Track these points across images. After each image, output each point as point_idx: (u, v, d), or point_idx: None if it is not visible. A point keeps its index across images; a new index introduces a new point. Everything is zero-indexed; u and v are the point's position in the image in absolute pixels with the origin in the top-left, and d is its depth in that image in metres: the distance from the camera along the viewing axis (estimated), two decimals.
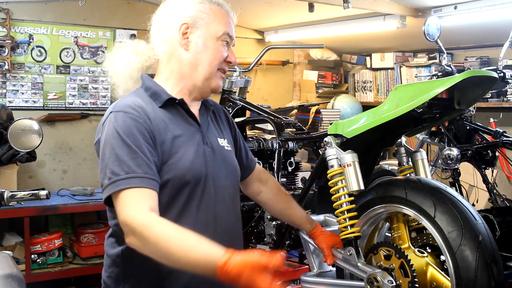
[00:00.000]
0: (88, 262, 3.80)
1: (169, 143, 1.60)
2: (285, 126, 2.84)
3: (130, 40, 1.81)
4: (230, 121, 1.91)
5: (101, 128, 1.61)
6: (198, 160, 1.63)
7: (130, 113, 1.57)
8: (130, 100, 1.62)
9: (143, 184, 1.48)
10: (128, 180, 1.47)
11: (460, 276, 1.65)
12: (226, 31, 1.71)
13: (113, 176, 1.49)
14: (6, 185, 3.42)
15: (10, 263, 1.85)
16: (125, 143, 1.52)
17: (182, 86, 1.70)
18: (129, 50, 1.76)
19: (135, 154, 1.51)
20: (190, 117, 1.70)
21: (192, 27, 1.68)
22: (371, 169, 2.13)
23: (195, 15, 1.69)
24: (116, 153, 1.51)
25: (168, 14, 1.72)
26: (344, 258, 1.92)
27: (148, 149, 1.54)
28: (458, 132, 3.27)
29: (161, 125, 1.61)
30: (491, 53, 4.28)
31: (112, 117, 1.58)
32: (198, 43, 1.68)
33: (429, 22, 3.09)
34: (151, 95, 1.67)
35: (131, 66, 1.74)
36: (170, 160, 1.58)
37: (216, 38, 1.70)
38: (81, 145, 4.33)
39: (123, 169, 1.49)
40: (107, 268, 1.67)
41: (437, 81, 1.72)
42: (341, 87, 5.46)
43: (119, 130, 1.54)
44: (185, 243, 1.40)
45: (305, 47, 5.38)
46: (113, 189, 1.48)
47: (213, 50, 1.69)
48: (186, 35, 1.68)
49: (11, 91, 4.07)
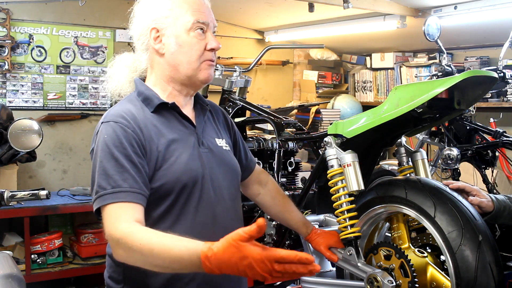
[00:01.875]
0: (88, 262, 3.80)
1: (163, 148, 1.59)
2: (285, 126, 2.84)
3: (118, 56, 1.80)
4: (229, 121, 1.90)
5: (94, 138, 1.62)
6: (194, 162, 1.63)
7: (119, 123, 1.57)
8: (121, 109, 1.62)
9: (128, 198, 1.49)
10: (114, 194, 1.48)
11: (460, 276, 1.65)
12: (196, 20, 1.63)
13: (100, 190, 1.50)
14: (6, 185, 3.42)
15: (10, 263, 1.85)
16: (112, 156, 1.52)
17: (171, 89, 1.69)
18: (118, 65, 1.77)
19: (122, 168, 1.51)
20: (184, 119, 1.69)
21: (160, 29, 1.64)
22: (371, 169, 2.13)
23: (160, 15, 1.64)
24: (104, 166, 1.52)
25: (138, 22, 1.69)
26: (344, 258, 1.92)
27: (137, 160, 1.53)
28: (458, 132, 3.27)
29: (154, 132, 1.60)
30: (491, 53, 4.28)
31: (102, 128, 1.59)
32: (171, 44, 1.64)
33: (429, 22, 3.10)
34: (143, 100, 1.67)
35: (121, 81, 1.76)
36: (164, 165, 1.58)
37: (187, 31, 1.63)
38: (81, 145, 4.33)
39: (109, 183, 1.49)
40: (109, 268, 1.68)
41: (437, 81, 1.72)
42: (341, 87, 5.46)
43: (108, 141, 1.54)
44: (166, 242, 1.37)
45: (305, 47, 5.38)
46: (100, 203, 1.50)
47: (187, 47, 1.63)
48: (158, 39, 1.65)
49: (11, 91, 4.07)
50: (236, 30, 5.06)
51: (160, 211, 1.59)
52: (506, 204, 1.90)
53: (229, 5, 4.32)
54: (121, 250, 1.43)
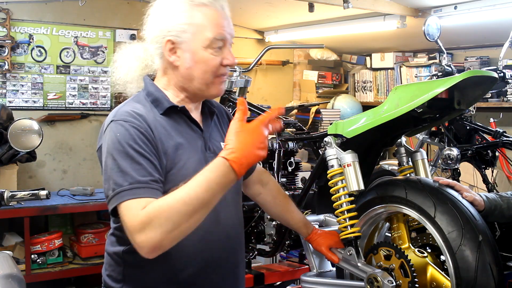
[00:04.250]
0: (88, 262, 3.80)
1: (172, 152, 1.57)
2: (285, 126, 2.84)
3: (129, 44, 1.75)
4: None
5: (102, 136, 1.58)
6: (201, 167, 1.60)
7: (131, 122, 1.53)
8: (130, 108, 1.59)
9: (147, 194, 1.45)
10: (133, 190, 1.44)
11: (460, 276, 1.65)
12: (214, 37, 1.58)
13: (117, 187, 1.45)
14: (6, 185, 3.41)
15: (10, 263, 1.85)
16: (127, 154, 1.49)
17: (182, 96, 1.67)
18: (128, 55, 1.72)
19: (138, 164, 1.48)
20: (192, 123, 1.67)
21: (176, 42, 1.59)
22: (371, 169, 2.13)
23: (177, 28, 1.58)
24: (119, 164, 1.48)
25: (153, 27, 1.64)
26: (344, 258, 1.92)
27: (152, 157, 1.51)
28: (458, 132, 3.27)
29: (163, 134, 1.58)
30: (491, 53, 4.28)
31: (113, 126, 1.54)
32: (187, 59, 1.59)
33: (429, 22, 3.10)
34: (152, 101, 1.64)
35: (131, 73, 1.71)
36: (173, 170, 1.56)
37: (204, 48, 1.58)
38: (81, 145, 4.33)
39: (126, 180, 1.45)
40: (107, 267, 1.67)
41: (437, 81, 1.72)
42: (341, 87, 5.46)
43: (121, 140, 1.50)
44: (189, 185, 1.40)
45: (305, 47, 5.38)
46: (118, 200, 1.45)
47: (203, 63, 1.59)
48: (173, 51, 1.60)
49: (11, 91, 4.07)
50: (236, 30, 4.98)
51: None
52: (497, 203, 1.90)
53: (229, 5, 4.30)
54: (153, 230, 1.36)
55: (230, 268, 1.69)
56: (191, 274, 1.59)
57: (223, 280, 1.67)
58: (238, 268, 1.73)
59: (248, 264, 2.78)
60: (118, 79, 1.73)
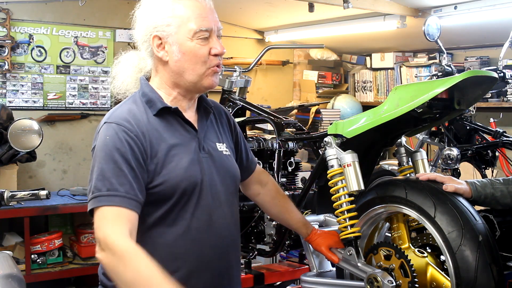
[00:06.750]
0: (88, 262, 3.80)
1: (163, 153, 1.59)
2: (285, 126, 2.84)
3: (123, 55, 1.77)
4: (232, 123, 1.88)
5: (96, 136, 1.61)
6: (193, 167, 1.62)
7: (123, 126, 1.56)
8: (126, 110, 1.61)
9: (123, 204, 1.48)
10: (110, 198, 1.49)
11: (460, 276, 1.65)
12: (199, 27, 1.59)
13: (96, 191, 1.50)
14: (6, 185, 3.41)
15: (10, 263, 1.85)
16: (112, 158, 1.52)
17: (175, 93, 1.68)
18: (123, 64, 1.75)
19: (120, 171, 1.51)
20: (186, 123, 1.68)
21: (162, 37, 1.61)
22: (371, 169, 2.13)
23: (161, 22, 1.61)
24: (102, 167, 1.52)
25: (140, 27, 1.67)
26: (344, 258, 1.92)
27: (136, 166, 1.53)
28: (458, 132, 3.27)
29: (155, 136, 1.59)
30: (491, 53, 4.28)
31: (105, 128, 1.58)
32: (174, 52, 1.61)
33: (429, 22, 3.10)
34: (146, 102, 1.65)
35: (127, 80, 1.74)
36: (164, 170, 1.58)
37: (189, 39, 1.60)
38: (81, 145, 4.33)
39: (105, 185, 1.50)
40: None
41: (437, 81, 1.72)
42: (341, 87, 5.46)
43: (109, 143, 1.54)
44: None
45: (305, 47, 5.38)
46: (95, 204, 1.50)
47: (191, 54, 1.61)
48: (161, 47, 1.62)
49: (11, 91, 4.07)
50: (236, 30, 5.06)
51: (158, 215, 1.59)
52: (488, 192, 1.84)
53: (229, 5, 4.32)
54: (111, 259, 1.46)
55: (223, 268, 1.69)
56: (184, 273, 1.60)
57: (217, 281, 1.67)
58: (232, 269, 1.73)
59: (248, 264, 2.77)
60: (118, 88, 1.75)
